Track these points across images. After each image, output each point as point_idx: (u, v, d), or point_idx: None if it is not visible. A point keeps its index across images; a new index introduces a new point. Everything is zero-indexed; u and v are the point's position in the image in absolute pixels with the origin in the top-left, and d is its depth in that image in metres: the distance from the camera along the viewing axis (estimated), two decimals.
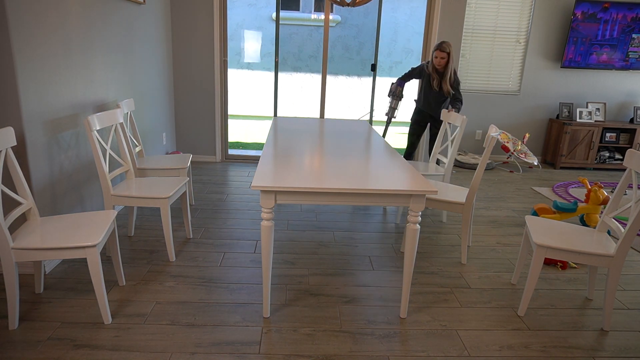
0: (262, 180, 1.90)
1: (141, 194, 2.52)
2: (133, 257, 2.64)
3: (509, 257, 2.91)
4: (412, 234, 2.00)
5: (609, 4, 5.05)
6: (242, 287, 2.36)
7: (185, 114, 4.89)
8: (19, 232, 1.95)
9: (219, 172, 4.63)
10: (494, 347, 1.96)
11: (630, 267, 2.83)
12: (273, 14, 12.96)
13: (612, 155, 5.50)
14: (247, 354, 1.84)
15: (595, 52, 5.22)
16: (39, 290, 2.21)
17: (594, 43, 5.18)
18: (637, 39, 5.14)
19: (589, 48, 5.20)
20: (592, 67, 5.30)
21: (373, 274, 2.59)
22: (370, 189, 1.89)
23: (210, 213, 3.42)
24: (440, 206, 2.74)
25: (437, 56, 3.59)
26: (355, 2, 3.10)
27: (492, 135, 2.70)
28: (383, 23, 5.75)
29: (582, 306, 2.35)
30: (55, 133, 2.48)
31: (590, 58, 5.24)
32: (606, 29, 5.15)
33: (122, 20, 3.32)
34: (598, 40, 5.18)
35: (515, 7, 5.14)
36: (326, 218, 3.44)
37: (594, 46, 5.20)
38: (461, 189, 2.93)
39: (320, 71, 5.37)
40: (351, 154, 2.52)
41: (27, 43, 2.20)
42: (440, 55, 3.57)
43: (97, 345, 1.84)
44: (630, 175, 2.11)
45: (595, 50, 5.21)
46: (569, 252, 2.07)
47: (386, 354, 1.88)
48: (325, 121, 3.82)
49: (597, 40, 5.18)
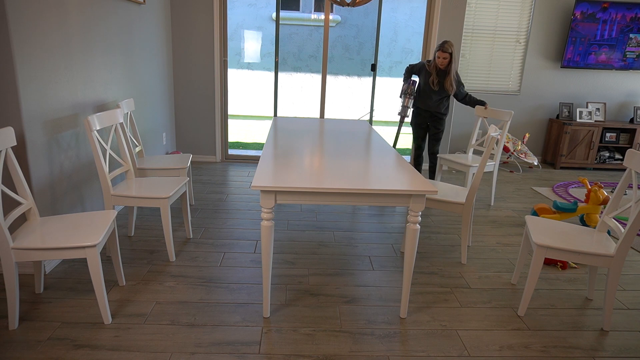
0: (262, 180, 1.91)
1: (141, 194, 2.52)
2: (133, 257, 2.64)
3: (509, 257, 2.91)
4: (412, 234, 2.00)
5: (608, 4, 5.05)
6: (242, 287, 2.36)
7: (185, 114, 4.89)
8: (19, 232, 1.95)
9: (219, 172, 4.63)
10: (494, 347, 1.96)
11: (630, 267, 2.83)
12: (273, 14, 12.95)
13: (612, 155, 5.50)
14: (247, 354, 1.84)
15: (594, 52, 5.22)
16: (39, 290, 2.21)
17: (593, 43, 5.18)
18: (635, 39, 5.15)
19: (588, 48, 5.21)
20: (592, 67, 5.30)
21: (373, 274, 2.59)
22: (370, 189, 1.89)
23: (210, 213, 3.42)
24: (440, 206, 2.74)
25: (440, 56, 3.62)
26: (355, 2, 3.10)
27: (492, 135, 2.70)
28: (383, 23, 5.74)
29: (582, 306, 2.35)
30: (55, 133, 2.48)
31: (589, 58, 5.24)
32: (605, 29, 5.15)
33: (122, 20, 3.32)
34: (597, 40, 5.18)
35: (515, 7, 5.14)
36: (326, 218, 3.44)
37: (592, 46, 5.20)
38: (461, 189, 2.93)
39: (320, 71, 5.37)
40: (351, 154, 2.52)
41: (27, 43, 2.20)
42: (443, 56, 3.61)
43: (97, 345, 1.84)
44: (630, 175, 2.11)
45: (594, 50, 5.21)
46: (569, 252, 2.07)
47: (386, 354, 1.88)
48: (325, 121, 3.82)
49: (596, 40, 5.18)
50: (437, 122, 3.95)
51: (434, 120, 3.96)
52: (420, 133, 4.08)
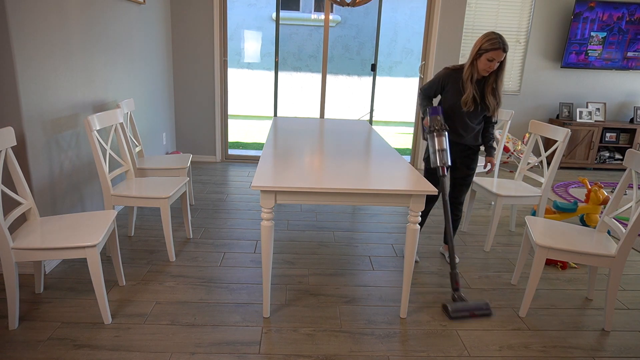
0: (262, 180, 1.90)
1: (141, 194, 2.52)
2: (133, 257, 2.64)
3: (509, 257, 2.90)
4: (412, 234, 2.00)
5: (602, 3, 5.05)
6: (242, 287, 2.36)
7: (185, 114, 4.89)
8: (19, 232, 1.95)
9: (219, 172, 4.62)
10: (494, 347, 1.96)
11: (631, 267, 2.83)
12: (273, 14, 12.95)
13: (612, 155, 5.50)
14: (247, 354, 1.84)
15: (593, 53, 5.22)
16: (39, 290, 2.21)
17: (592, 43, 5.18)
18: (596, 37, 5.15)
19: (588, 48, 5.20)
20: (592, 67, 5.30)
21: (373, 274, 2.59)
22: (370, 189, 1.89)
23: (210, 213, 3.42)
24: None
25: (493, 58, 2.31)
26: (355, 2, 3.10)
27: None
28: (383, 23, 5.73)
29: (582, 306, 2.35)
30: (55, 133, 2.48)
31: (589, 58, 5.24)
32: (604, 29, 5.15)
33: (122, 20, 3.32)
34: (603, 40, 5.18)
35: (515, 7, 5.14)
36: (326, 218, 3.44)
37: (592, 46, 5.20)
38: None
39: (320, 71, 5.36)
40: (351, 154, 2.52)
41: (27, 43, 2.19)
42: (498, 58, 2.31)
43: (97, 345, 1.84)
44: (630, 175, 2.11)
45: (593, 50, 5.21)
46: (570, 253, 2.07)
47: (386, 354, 1.88)
48: (325, 121, 3.82)
49: (595, 40, 5.18)
50: (469, 159, 2.62)
51: (465, 156, 2.62)
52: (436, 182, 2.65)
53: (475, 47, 2.36)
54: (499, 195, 2.85)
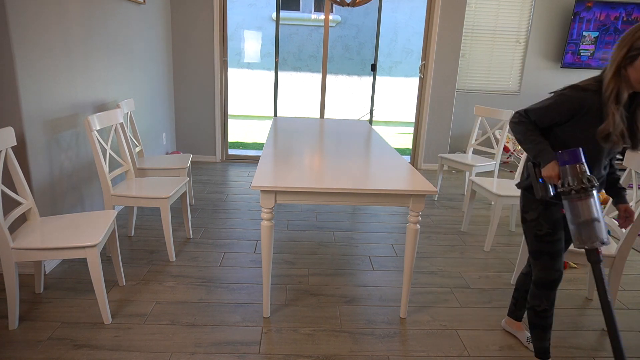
0: (262, 180, 1.90)
1: (141, 194, 2.52)
2: (133, 257, 2.64)
3: (509, 257, 2.90)
4: (412, 234, 2.00)
5: (599, 3, 5.05)
6: (242, 287, 2.36)
7: (185, 114, 4.89)
8: (19, 232, 1.95)
9: (219, 172, 4.63)
10: (494, 347, 1.96)
11: (631, 267, 2.83)
12: (273, 14, 12.96)
13: None
14: (247, 354, 1.84)
15: (585, 52, 5.22)
16: (39, 290, 2.21)
17: (584, 43, 5.19)
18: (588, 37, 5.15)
19: (580, 48, 5.21)
20: (592, 67, 5.30)
21: (373, 274, 2.59)
22: (370, 189, 1.89)
23: (210, 213, 3.42)
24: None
25: None
26: (355, 2, 3.10)
27: None
28: (383, 23, 5.74)
29: (582, 306, 2.35)
30: (55, 133, 2.48)
31: (582, 58, 5.24)
32: (600, 29, 5.15)
33: (122, 20, 3.32)
34: (595, 40, 5.18)
35: (515, 7, 5.14)
36: (326, 218, 3.44)
37: (584, 46, 5.20)
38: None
39: (320, 71, 5.37)
40: (351, 154, 2.52)
41: (27, 43, 2.19)
42: None
43: (97, 345, 1.84)
44: (630, 175, 2.11)
45: (585, 50, 5.21)
46: (571, 253, 2.07)
47: (386, 354, 1.88)
48: (325, 121, 3.82)
49: (595, 40, 5.18)
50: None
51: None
52: (560, 234, 1.74)
53: (623, 47, 1.47)
54: (499, 195, 2.84)
